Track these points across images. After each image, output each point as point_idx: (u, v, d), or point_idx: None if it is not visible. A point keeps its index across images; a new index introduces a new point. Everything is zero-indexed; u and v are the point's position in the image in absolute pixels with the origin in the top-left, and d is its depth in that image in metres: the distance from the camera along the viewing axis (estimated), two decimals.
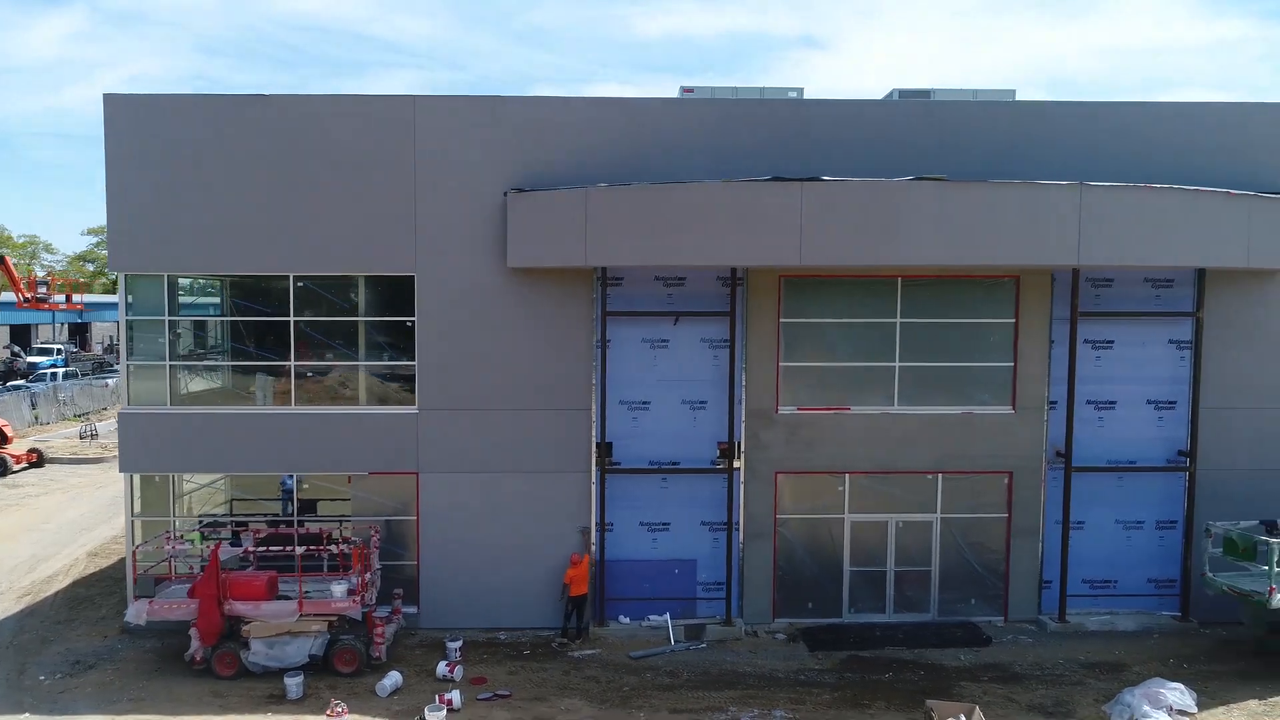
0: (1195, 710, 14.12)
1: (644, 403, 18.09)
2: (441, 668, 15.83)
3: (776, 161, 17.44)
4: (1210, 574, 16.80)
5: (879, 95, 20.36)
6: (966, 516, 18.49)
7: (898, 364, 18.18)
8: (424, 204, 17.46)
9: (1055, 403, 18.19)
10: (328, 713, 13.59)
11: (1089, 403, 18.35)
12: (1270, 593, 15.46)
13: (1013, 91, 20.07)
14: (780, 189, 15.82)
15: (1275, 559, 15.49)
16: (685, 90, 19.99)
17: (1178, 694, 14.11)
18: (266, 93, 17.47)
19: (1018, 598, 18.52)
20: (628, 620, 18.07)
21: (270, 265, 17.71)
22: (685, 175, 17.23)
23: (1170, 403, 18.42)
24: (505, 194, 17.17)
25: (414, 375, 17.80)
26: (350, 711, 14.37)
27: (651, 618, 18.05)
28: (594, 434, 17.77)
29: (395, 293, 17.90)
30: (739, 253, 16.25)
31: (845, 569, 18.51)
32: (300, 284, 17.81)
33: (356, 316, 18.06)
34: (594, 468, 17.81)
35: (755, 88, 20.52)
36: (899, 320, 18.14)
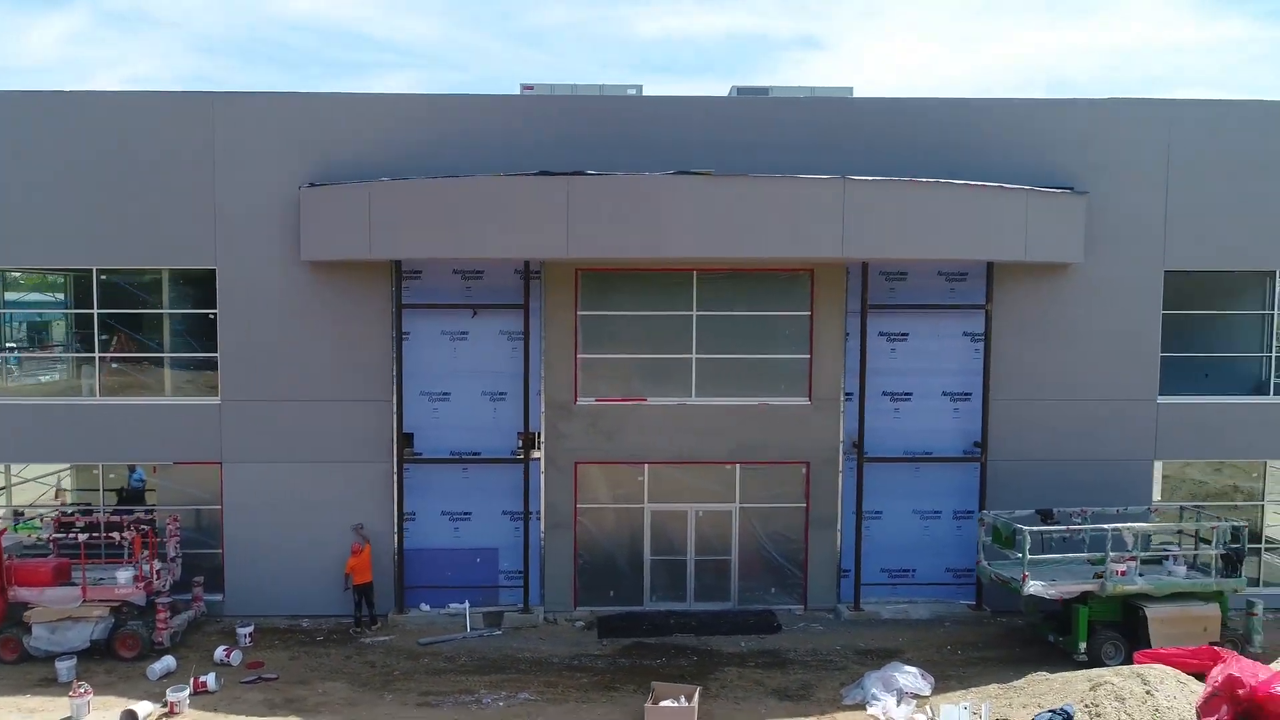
0: (928, 693, 14.41)
1: (444, 394, 18.40)
2: (219, 653, 16.17)
3: (610, 157, 17.54)
4: (985, 562, 17.11)
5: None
6: (765, 506, 18.79)
7: (694, 356, 18.47)
8: (225, 199, 17.77)
9: (851, 394, 18.49)
10: (70, 693, 13.92)
11: (885, 394, 18.65)
12: (1024, 579, 15.76)
13: (850, 89, 20.38)
14: (548, 183, 16.11)
15: (1028, 547, 15.80)
16: (525, 87, 20.30)
17: (911, 678, 14.41)
18: (75, 90, 17.84)
19: (816, 587, 18.81)
20: (428, 608, 18.39)
21: (74, 259, 18.05)
22: (498, 171, 17.23)
23: (965, 394, 18.71)
24: (299, 189, 17.51)
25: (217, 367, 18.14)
26: (114, 694, 14.74)
27: (452, 605, 18.36)
28: (394, 425, 18.08)
29: (201, 286, 18.23)
30: (514, 246, 16.54)
31: (646, 558, 18.81)
32: (103, 277, 18.15)
33: (160, 310, 18.40)
34: (395, 458, 18.12)
35: (595, 85, 20.82)
36: (695, 313, 18.43)
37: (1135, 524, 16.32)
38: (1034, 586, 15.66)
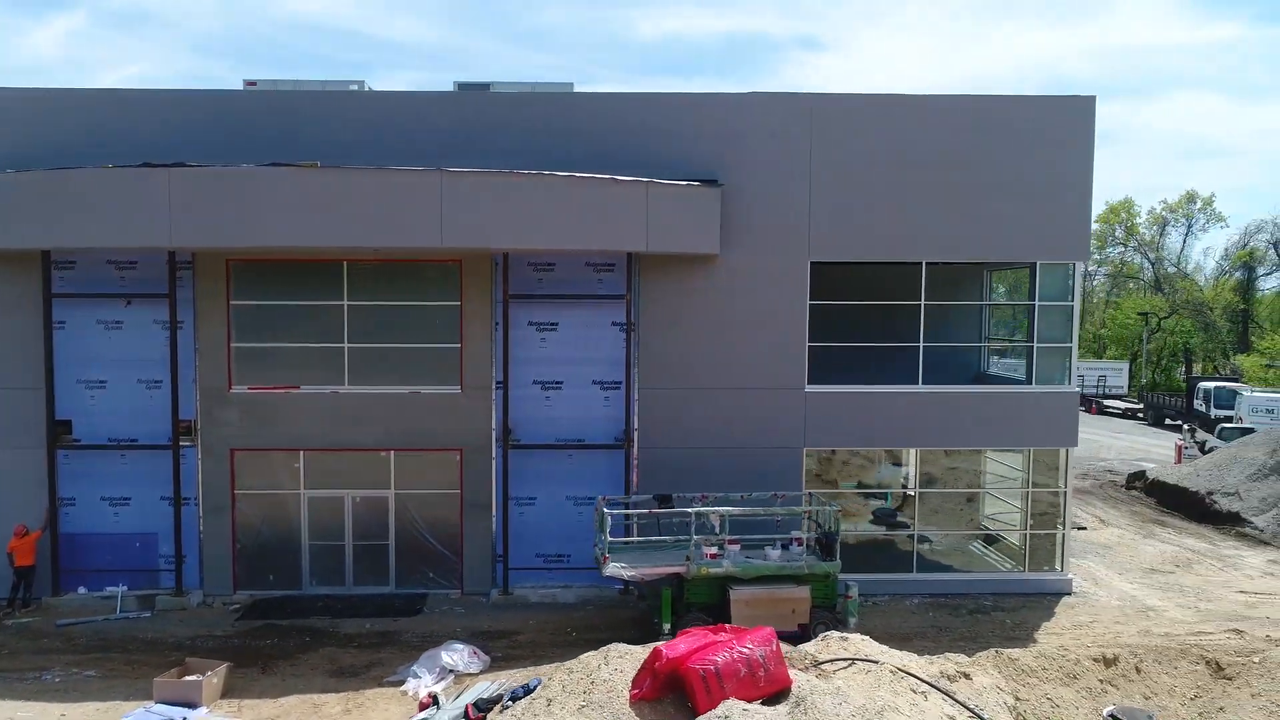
0: (476, 671, 14.79)
1: (101, 382, 18.75)
2: None
3: (329, 150, 17.80)
4: (596, 546, 17.48)
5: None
6: (421, 492, 19.17)
7: (346, 345, 18.84)
8: None
9: (503, 383, 18.87)
10: None
11: (536, 383, 19.02)
12: (603, 561, 16.14)
13: (571, 85, 20.69)
14: (150, 174, 16.42)
15: (607, 528, 16.18)
16: (248, 83, 20.61)
17: (460, 656, 14.80)
18: None
19: (472, 571, 19.19)
20: (85, 591, 18.78)
21: None
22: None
23: (615, 383, 19.07)
24: None
25: None
26: None
27: (109, 589, 18.76)
28: (45, 412, 18.42)
29: None
30: (116, 235, 16.71)
31: (304, 543, 19.19)
32: None
33: None
34: (47, 444, 18.49)
35: (318, 80, 21.07)
36: (346, 303, 18.80)
37: (723, 508, 16.67)
38: (611, 568, 16.05)
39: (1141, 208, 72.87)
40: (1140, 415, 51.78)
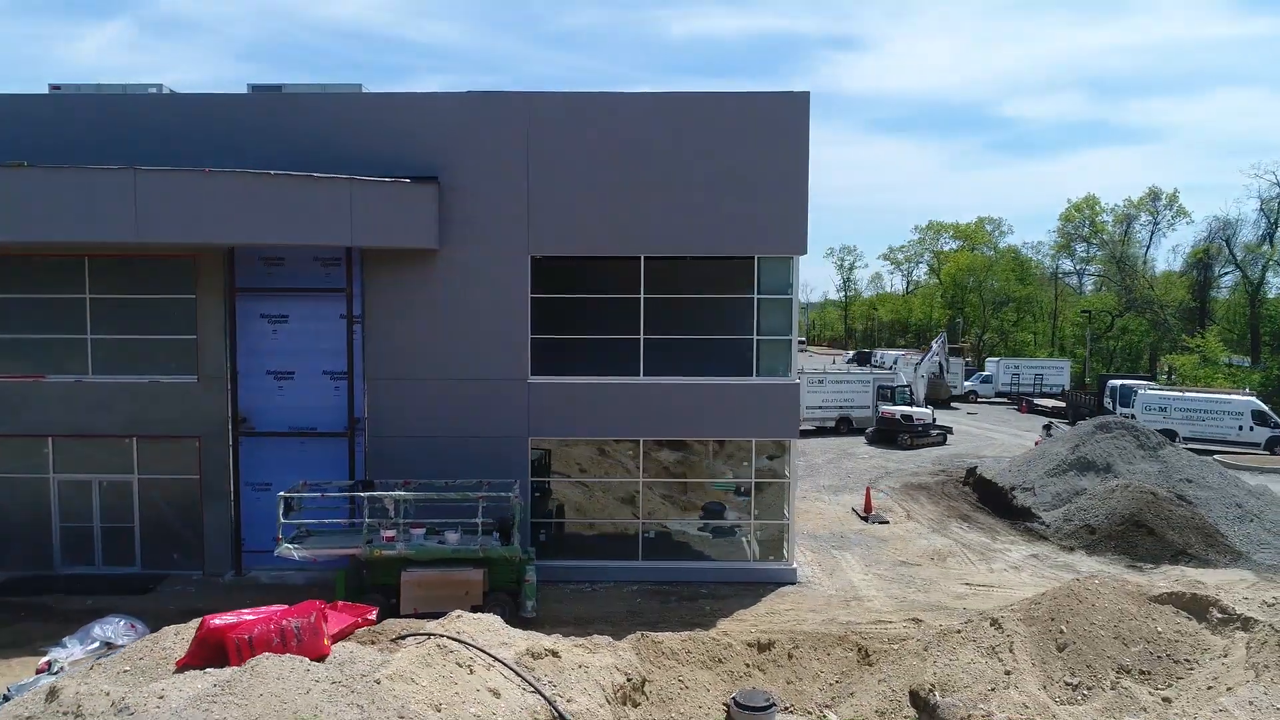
0: (124, 642, 15.55)
1: None
2: None
3: (132, 151, 18.77)
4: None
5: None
6: (163, 477, 20.03)
7: (89, 336, 19.76)
8: None
9: (241, 372, 19.65)
10: None
11: (269, 373, 19.78)
12: (277, 542, 16.83)
13: (359, 85, 21.45)
14: None
15: (280, 512, 16.86)
16: (53, 88, 21.66)
17: (114, 628, 15.58)
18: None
19: (213, 553, 20.00)
20: None
21: None
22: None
23: (344, 373, 19.76)
24: None
25: None
26: None
27: None
28: None
29: None
30: None
31: (55, 525, 20.16)
32: None
33: None
34: None
35: (119, 84, 22.09)
36: (88, 296, 19.71)
37: (395, 493, 17.27)
38: (282, 549, 16.74)
39: (1105, 206, 71.82)
40: (1065, 414, 51.28)
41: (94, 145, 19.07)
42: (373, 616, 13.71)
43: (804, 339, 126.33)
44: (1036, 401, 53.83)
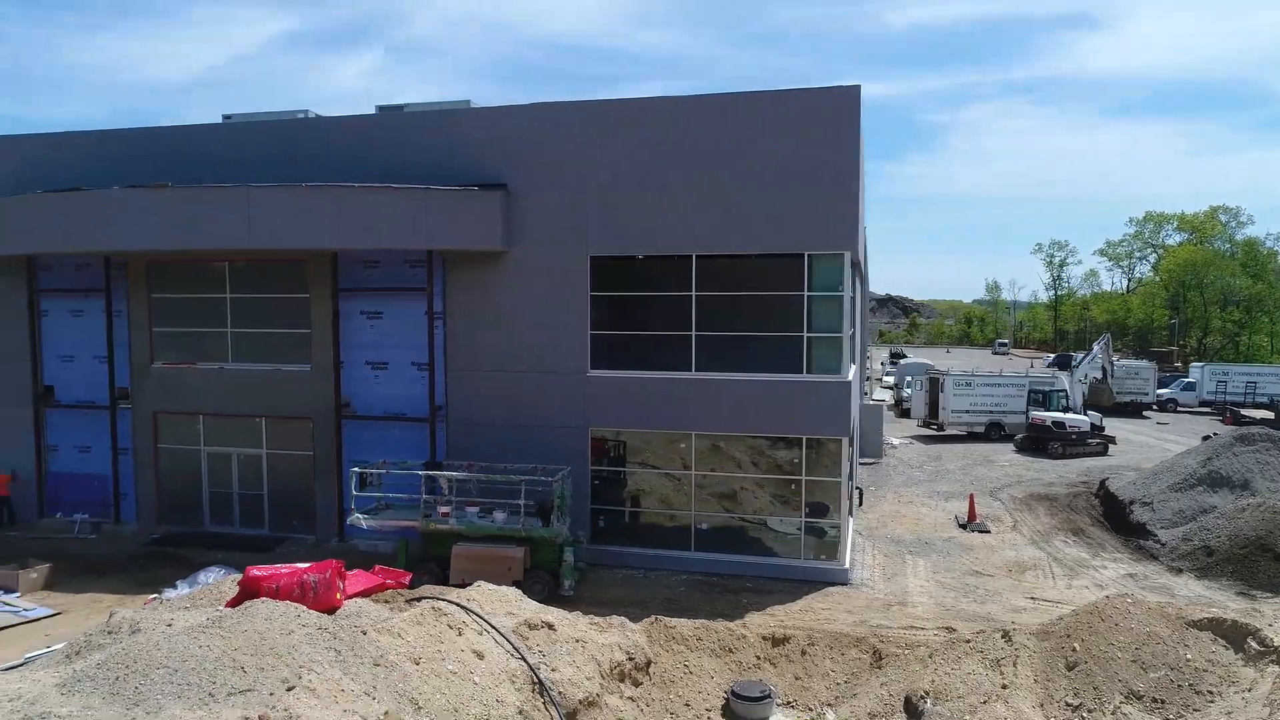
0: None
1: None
2: None
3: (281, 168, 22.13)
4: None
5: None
6: (286, 453, 23.01)
7: (229, 330, 23.12)
8: None
9: (344, 363, 22.26)
10: None
11: (368, 363, 22.21)
12: (349, 512, 18.93)
13: (468, 102, 23.97)
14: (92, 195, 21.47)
15: (354, 486, 18.94)
16: (226, 117, 25.88)
17: (213, 575, 18.27)
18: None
19: (323, 521, 22.73)
20: (61, 516, 24.54)
21: None
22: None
23: (427, 364, 21.77)
24: None
25: None
26: None
27: (76, 516, 24.40)
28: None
29: None
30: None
31: (205, 490, 23.73)
32: None
33: None
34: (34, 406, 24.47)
35: (278, 111, 25.76)
36: (228, 295, 23.07)
37: (449, 473, 18.86)
38: (353, 519, 18.86)
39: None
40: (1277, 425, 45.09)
41: (258, 163, 22.19)
42: (406, 580, 15.35)
43: (1006, 341, 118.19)
44: (1244, 412, 47.73)
